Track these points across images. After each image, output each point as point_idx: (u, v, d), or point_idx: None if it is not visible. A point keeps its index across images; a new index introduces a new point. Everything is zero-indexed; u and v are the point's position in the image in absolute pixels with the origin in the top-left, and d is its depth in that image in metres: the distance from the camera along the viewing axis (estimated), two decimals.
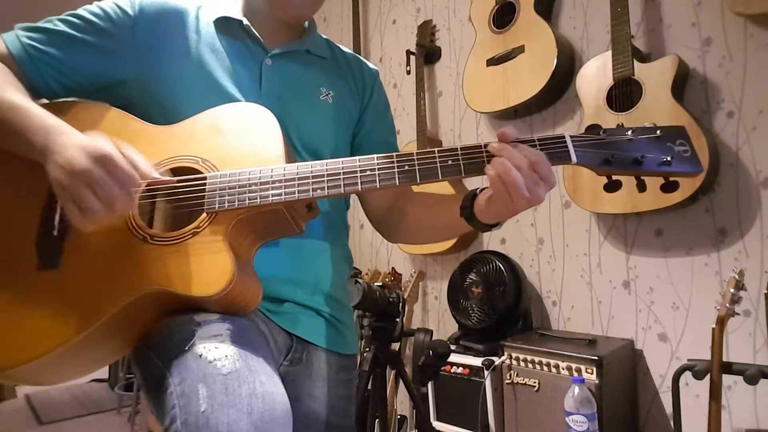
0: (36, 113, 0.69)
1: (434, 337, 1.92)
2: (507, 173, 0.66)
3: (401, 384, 1.98)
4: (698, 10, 1.66)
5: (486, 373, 1.71)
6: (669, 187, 0.70)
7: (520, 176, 0.66)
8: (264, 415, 0.57)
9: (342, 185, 0.70)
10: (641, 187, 0.72)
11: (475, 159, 0.70)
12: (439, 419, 1.89)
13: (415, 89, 2.43)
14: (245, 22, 0.88)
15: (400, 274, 2.28)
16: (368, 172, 0.70)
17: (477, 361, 1.76)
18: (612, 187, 0.73)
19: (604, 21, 1.82)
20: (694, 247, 1.64)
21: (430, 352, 1.40)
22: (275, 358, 0.81)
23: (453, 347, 1.79)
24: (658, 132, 0.69)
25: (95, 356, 0.75)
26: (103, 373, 3.83)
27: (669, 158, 0.67)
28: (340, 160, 0.71)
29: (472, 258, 2.03)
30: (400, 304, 1.39)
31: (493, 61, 2.02)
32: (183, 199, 0.71)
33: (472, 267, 1.99)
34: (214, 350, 0.61)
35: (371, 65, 1.04)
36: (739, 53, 1.57)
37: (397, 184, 0.70)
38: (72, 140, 0.65)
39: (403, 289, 2.22)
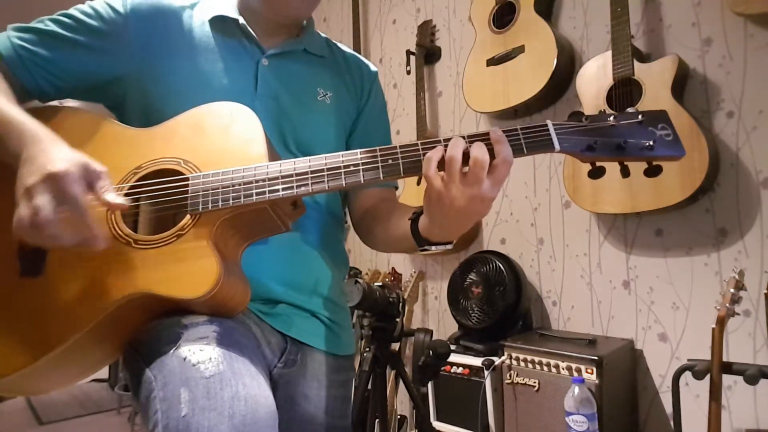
0: (15, 118, 0.67)
1: (434, 337, 1.92)
2: (425, 167, 0.66)
3: (401, 384, 1.98)
4: (698, 10, 1.66)
5: (486, 373, 1.71)
6: (652, 171, 0.70)
7: (429, 167, 0.66)
8: (246, 418, 0.56)
9: (326, 181, 0.69)
10: (625, 172, 0.71)
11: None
12: (439, 419, 1.89)
13: (415, 89, 2.43)
14: (241, 21, 0.87)
15: (400, 274, 2.28)
16: (351, 168, 0.69)
17: (477, 361, 1.76)
18: (596, 173, 0.73)
19: (604, 21, 1.81)
20: (694, 247, 1.64)
21: (430, 352, 1.40)
22: (268, 359, 0.81)
23: (453, 347, 1.79)
24: (640, 117, 0.68)
25: (86, 362, 0.75)
26: (103, 373, 3.83)
27: (651, 143, 0.67)
28: (324, 156, 0.70)
29: (472, 258, 2.02)
30: (400, 304, 1.39)
31: (493, 61, 2.02)
32: (166, 202, 0.71)
33: (472, 267, 1.99)
34: (199, 353, 0.61)
35: (371, 65, 1.03)
36: (739, 53, 1.57)
37: (381, 178, 0.69)
38: (40, 154, 0.63)
39: (403, 289, 2.22)
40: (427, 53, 2.47)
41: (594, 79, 1.69)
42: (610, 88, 1.63)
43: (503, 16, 2.01)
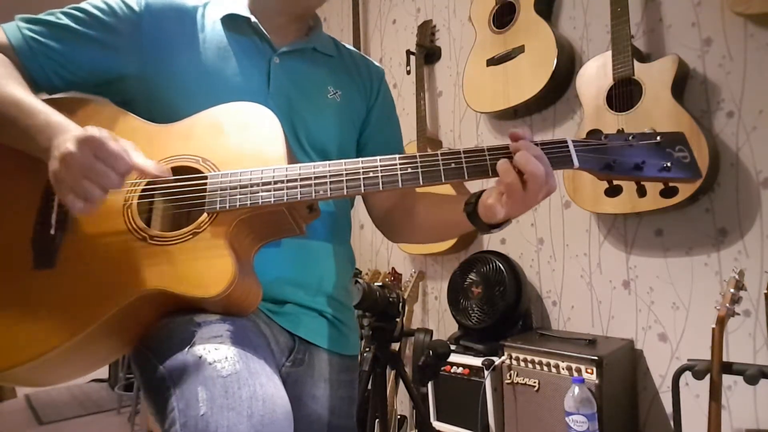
0: (40, 110, 0.69)
1: (434, 337, 1.92)
2: (527, 163, 0.66)
3: (401, 384, 1.98)
4: (698, 10, 1.66)
5: (486, 373, 1.71)
6: (668, 192, 0.71)
7: (540, 165, 0.66)
8: (264, 418, 0.56)
9: (345, 187, 0.69)
10: (641, 192, 0.73)
11: (479, 162, 0.70)
12: (439, 419, 1.90)
13: (415, 89, 2.43)
14: (253, 19, 0.87)
15: (400, 274, 2.28)
16: (371, 174, 0.69)
17: (477, 361, 1.76)
18: (613, 192, 0.74)
19: (604, 21, 1.81)
20: (694, 247, 1.64)
21: (430, 352, 1.40)
22: (277, 359, 0.81)
23: (453, 347, 1.79)
24: (658, 138, 0.70)
25: (94, 356, 0.75)
26: (103, 373, 3.83)
27: (668, 164, 0.68)
28: (343, 161, 0.71)
29: (472, 258, 2.02)
30: (400, 304, 1.39)
31: (493, 61, 2.02)
32: (183, 199, 0.71)
33: (472, 267, 1.99)
34: (214, 352, 0.61)
35: (378, 65, 1.04)
36: (739, 53, 1.57)
37: (400, 186, 0.69)
38: (70, 135, 0.65)
39: (403, 289, 2.22)
40: (427, 53, 2.47)
41: (594, 79, 1.69)
42: (610, 88, 1.63)
43: (503, 16, 2.01)
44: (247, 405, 0.56)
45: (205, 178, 0.71)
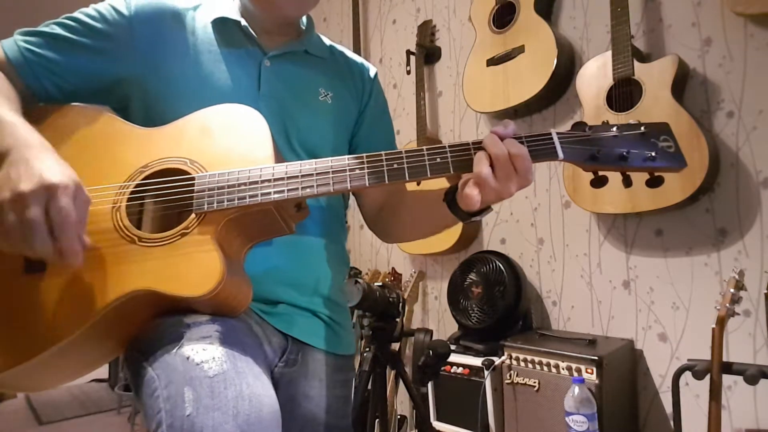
0: (10, 121, 0.67)
1: (434, 337, 1.92)
2: (477, 164, 0.68)
3: (401, 384, 1.98)
4: (698, 10, 1.66)
5: (486, 373, 1.71)
6: (654, 182, 0.71)
7: (488, 169, 0.67)
8: (250, 417, 0.57)
9: (331, 183, 0.70)
10: (627, 182, 0.73)
11: (464, 156, 0.70)
12: (439, 419, 1.90)
13: (415, 89, 2.43)
14: (243, 23, 0.88)
15: (400, 274, 2.28)
16: (357, 171, 0.70)
17: (477, 361, 1.76)
18: (598, 182, 0.74)
19: (604, 21, 1.81)
20: (694, 247, 1.64)
21: (430, 352, 1.40)
22: (269, 359, 0.81)
23: (453, 347, 1.79)
24: (642, 128, 0.70)
25: (85, 359, 0.75)
26: (103, 373, 3.83)
27: (653, 154, 0.68)
28: (330, 159, 0.71)
29: (472, 258, 2.02)
30: (400, 304, 1.39)
31: (493, 61, 2.02)
32: (171, 200, 0.71)
33: (472, 267, 1.99)
34: (202, 352, 0.61)
35: (371, 66, 1.04)
36: (739, 53, 1.57)
37: (387, 182, 0.70)
38: (35, 161, 0.61)
39: (403, 289, 2.22)
40: (427, 53, 2.47)
41: (594, 79, 1.69)
42: (610, 88, 1.63)
43: (503, 16, 2.01)
44: (233, 405, 0.56)
45: (193, 179, 0.71)
